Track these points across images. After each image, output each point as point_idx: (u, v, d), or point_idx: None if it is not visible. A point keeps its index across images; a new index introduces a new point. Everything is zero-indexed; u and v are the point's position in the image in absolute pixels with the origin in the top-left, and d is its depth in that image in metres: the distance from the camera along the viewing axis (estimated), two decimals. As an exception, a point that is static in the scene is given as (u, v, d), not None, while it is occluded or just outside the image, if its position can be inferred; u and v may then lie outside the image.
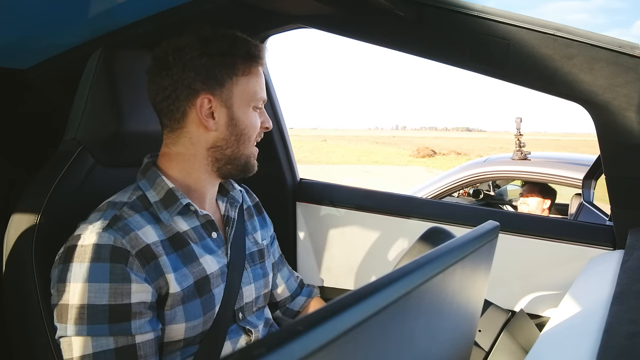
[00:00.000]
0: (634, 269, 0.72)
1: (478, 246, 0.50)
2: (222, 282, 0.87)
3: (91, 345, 0.71)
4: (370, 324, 0.30)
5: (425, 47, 1.06)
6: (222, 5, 1.11)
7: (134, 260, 0.75)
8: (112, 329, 0.72)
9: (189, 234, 0.85)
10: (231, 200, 0.98)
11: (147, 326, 0.75)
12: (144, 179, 0.85)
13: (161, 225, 0.82)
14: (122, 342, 0.73)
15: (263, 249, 1.02)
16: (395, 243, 1.30)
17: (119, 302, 0.73)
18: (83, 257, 0.73)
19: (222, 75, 0.82)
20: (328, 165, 17.11)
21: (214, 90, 0.82)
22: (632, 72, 0.89)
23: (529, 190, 2.80)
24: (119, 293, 0.73)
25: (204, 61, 0.81)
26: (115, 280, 0.73)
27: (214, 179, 0.90)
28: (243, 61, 0.84)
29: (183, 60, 0.81)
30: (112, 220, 0.76)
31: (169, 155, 0.86)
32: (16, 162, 1.28)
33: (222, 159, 0.86)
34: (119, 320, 0.73)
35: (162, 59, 0.82)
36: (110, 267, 0.73)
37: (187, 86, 0.81)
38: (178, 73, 0.81)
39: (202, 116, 0.82)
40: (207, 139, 0.85)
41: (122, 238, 0.75)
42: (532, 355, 0.61)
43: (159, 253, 0.78)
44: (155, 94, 0.84)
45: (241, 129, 0.85)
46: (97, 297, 0.72)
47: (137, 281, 0.74)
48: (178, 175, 0.86)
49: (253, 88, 0.86)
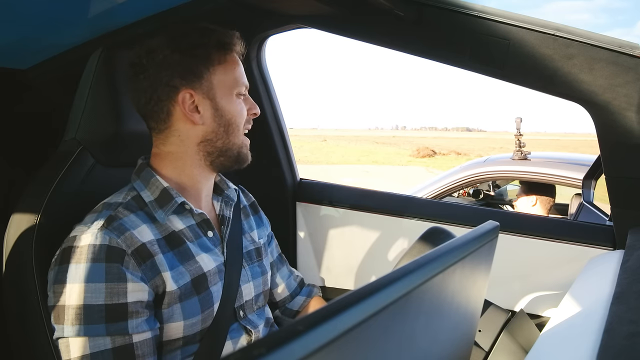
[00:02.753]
0: (634, 269, 0.72)
1: (478, 246, 0.50)
2: (220, 280, 0.87)
3: (88, 346, 0.71)
4: (370, 324, 0.30)
5: (425, 47, 1.06)
6: (222, 5, 1.11)
7: (129, 260, 0.75)
8: (108, 329, 0.72)
9: (184, 233, 0.85)
10: (226, 200, 0.98)
11: (144, 325, 0.75)
12: (138, 180, 0.86)
13: (157, 225, 0.82)
14: (119, 342, 0.73)
15: (260, 248, 1.02)
16: (395, 243, 1.30)
17: (115, 302, 0.73)
18: (79, 258, 0.73)
19: (198, 67, 0.82)
20: (328, 165, 17.11)
21: (194, 83, 0.82)
22: (632, 72, 0.89)
23: (526, 190, 2.80)
24: (115, 293, 0.73)
25: (177, 57, 0.81)
26: (111, 280, 0.73)
27: (208, 173, 0.90)
28: (216, 50, 0.84)
29: (156, 60, 0.81)
30: (107, 221, 0.77)
31: (160, 156, 0.87)
32: (16, 162, 1.28)
33: (213, 152, 0.86)
34: (115, 320, 0.73)
35: (137, 63, 0.83)
36: (106, 267, 0.73)
37: (166, 84, 0.82)
38: (154, 74, 0.81)
39: (187, 111, 0.82)
40: (196, 133, 0.85)
41: (118, 238, 0.75)
42: (532, 355, 0.61)
43: (154, 252, 0.79)
44: (138, 99, 0.84)
45: (228, 118, 0.85)
46: (93, 297, 0.72)
47: (133, 280, 0.75)
48: (171, 174, 0.86)
49: (232, 75, 0.86)
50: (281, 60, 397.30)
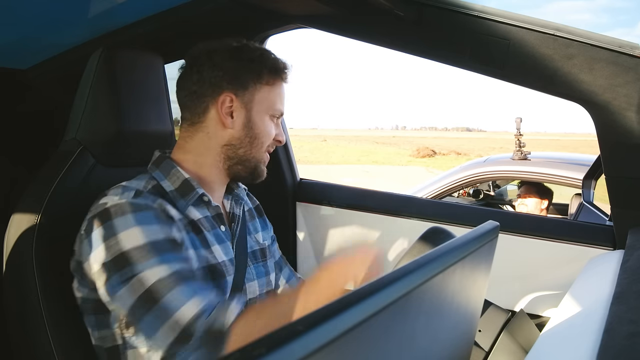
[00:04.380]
0: (634, 269, 0.72)
1: (478, 246, 0.50)
2: (231, 274, 0.89)
3: (166, 268, 0.72)
4: (370, 324, 0.30)
5: (425, 47, 1.06)
6: (222, 5, 1.11)
7: (166, 216, 0.79)
8: (176, 257, 0.75)
9: (202, 222, 0.87)
10: (236, 198, 1.00)
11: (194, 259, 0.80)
12: (158, 170, 0.88)
13: (178, 212, 0.84)
14: (186, 267, 0.75)
15: (265, 249, 1.03)
16: (395, 243, 1.30)
17: (174, 237, 0.77)
18: (123, 211, 0.75)
19: (247, 79, 0.87)
20: (328, 165, 17.11)
21: (237, 91, 0.87)
22: (632, 72, 0.89)
23: (526, 191, 2.80)
24: (171, 231, 0.77)
25: (233, 64, 0.87)
26: (162, 223, 0.77)
27: (223, 177, 0.93)
28: (269, 72, 0.89)
29: (213, 60, 0.86)
30: (136, 193, 0.79)
31: (185, 148, 0.90)
32: (16, 162, 1.28)
33: (234, 157, 0.90)
34: (179, 251, 0.77)
35: (194, 58, 0.88)
36: (154, 213, 0.77)
37: (213, 84, 0.86)
38: (207, 71, 0.86)
39: (222, 113, 0.87)
40: (223, 135, 0.88)
41: (153, 203, 0.78)
42: (532, 355, 0.61)
43: (180, 228, 0.81)
44: (183, 88, 0.89)
45: (256, 132, 0.90)
46: (153, 235, 0.74)
47: (178, 228, 0.79)
48: (192, 167, 0.89)
49: (274, 98, 0.91)
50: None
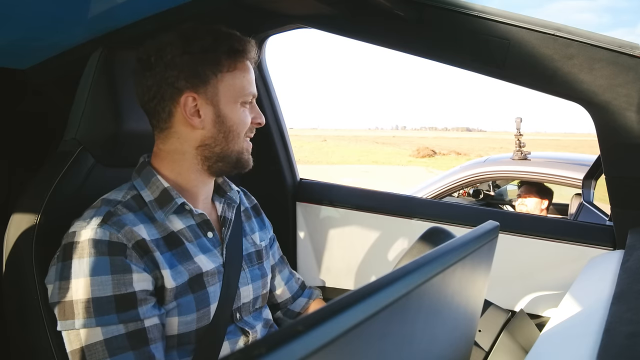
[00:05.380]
0: (634, 269, 0.72)
1: (478, 246, 0.50)
2: (219, 282, 0.87)
3: (101, 333, 0.72)
4: (370, 324, 0.30)
5: (425, 47, 1.06)
6: (222, 5, 1.11)
7: (131, 253, 0.76)
8: (120, 317, 0.73)
9: (184, 233, 0.85)
10: (228, 201, 0.98)
11: (152, 310, 0.76)
12: (139, 178, 0.86)
13: (156, 225, 0.82)
14: (132, 327, 0.74)
15: (261, 250, 1.02)
16: (395, 243, 1.30)
17: (124, 292, 0.74)
18: (81, 253, 0.74)
19: (205, 72, 0.81)
20: (328, 165, 17.11)
21: (198, 88, 0.81)
22: (632, 72, 0.89)
23: (526, 191, 2.80)
24: (122, 283, 0.74)
25: (186, 59, 0.80)
26: (116, 272, 0.74)
27: (206, 177, 0.89)
28: (227, 57, 0.83)
29: (165, 59, 0.80)
30: (106, 216, 0.77)
31: (160, 155, 0.87)
32: (16, 162, 1.28)
33: (211, 157, 0.86)
34: (126, 309, 0.74)
35: (145, 60, 0.82)
36: (110, 260, 0.74)
37: (171, 85, 0.81)
38: (161, 73, 0.81)
39: (187, 115, 0.82)
40: (195, 137, 0.84)
41: (118, 232, 0.76)
42: (532, 355, 0.61)
43: (153, 249, 0.79)
44: (142, 95, 0.84)
45: (229, 126, 0.84)
46: (100, 290, 0.72)
47: (137, 271, 0.75)
48: (170, 174, 0.87)
49: (240, 84, 0.84)
50: (281, 60, 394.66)
